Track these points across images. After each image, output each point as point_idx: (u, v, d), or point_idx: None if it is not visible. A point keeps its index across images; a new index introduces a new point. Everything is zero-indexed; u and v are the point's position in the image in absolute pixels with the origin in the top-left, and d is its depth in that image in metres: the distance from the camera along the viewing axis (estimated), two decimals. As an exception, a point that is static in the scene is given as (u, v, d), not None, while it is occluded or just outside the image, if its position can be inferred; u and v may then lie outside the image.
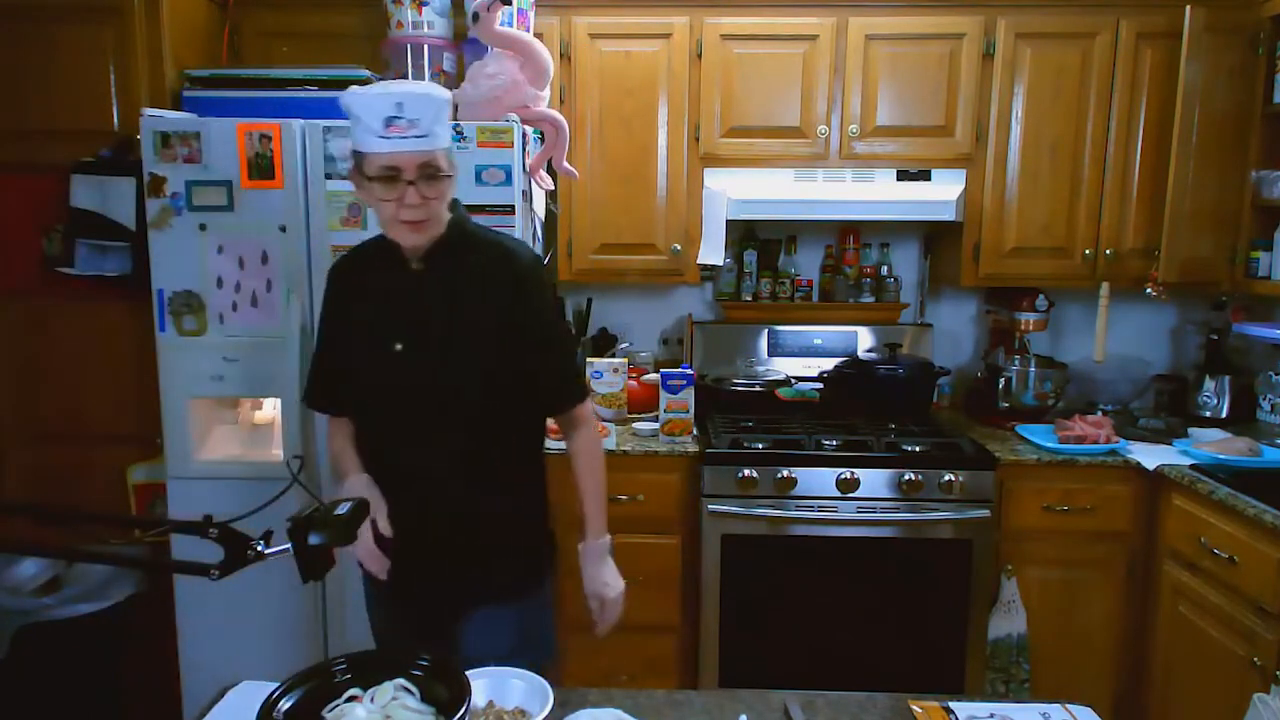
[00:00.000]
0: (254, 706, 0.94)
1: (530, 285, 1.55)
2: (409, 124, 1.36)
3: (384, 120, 1.36)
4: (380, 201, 1.41)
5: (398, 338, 1.49)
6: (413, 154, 1.38)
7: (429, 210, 1.42)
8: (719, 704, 1.18)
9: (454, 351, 1.48)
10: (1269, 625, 1.96)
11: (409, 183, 1.39)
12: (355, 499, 1.03)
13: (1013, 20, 2.62)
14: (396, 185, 1.39)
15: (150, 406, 2.23)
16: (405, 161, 1.38)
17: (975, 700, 1.15)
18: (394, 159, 1.38)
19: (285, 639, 2.21)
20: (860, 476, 2.40)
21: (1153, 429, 2.68)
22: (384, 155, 1.38)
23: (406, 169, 1.38)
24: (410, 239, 1.45)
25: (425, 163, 1.39)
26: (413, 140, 1.37)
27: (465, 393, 1.49)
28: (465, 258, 1.52)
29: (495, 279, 1.51)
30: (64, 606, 2.30)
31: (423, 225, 1.44)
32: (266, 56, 2.64)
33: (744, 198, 2.68)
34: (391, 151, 1.37)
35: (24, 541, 2.15)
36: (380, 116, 1.36)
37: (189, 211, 2.12)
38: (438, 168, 1.41)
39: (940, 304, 3.15)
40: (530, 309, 1.53)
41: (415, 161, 1.38)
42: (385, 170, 1.38)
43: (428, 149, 1.39)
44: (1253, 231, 2.64)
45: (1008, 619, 2.45)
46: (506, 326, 1.50)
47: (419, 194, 1.39)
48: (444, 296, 1.49)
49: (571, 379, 1.65)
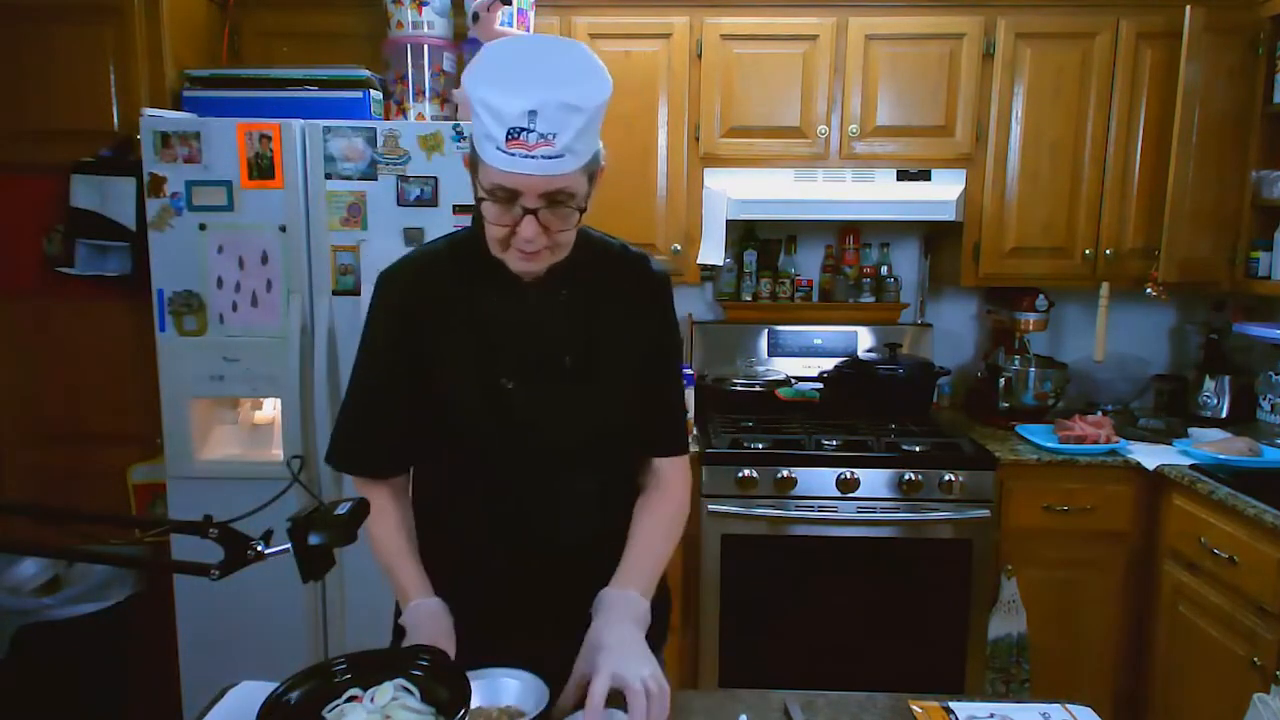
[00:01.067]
0: (254, 706, 0.94)
1: (669, 301, 1.30)
2: (540, 140, 1.00)
3: (506, 131, 1.01)
4: (491, 224, 1.09)
5: (506, 370, 1.19)
6: (536, 177, 1.03)
7: (551, 240, 1.09)
8: (719, 704, 1.18)
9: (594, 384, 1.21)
10: (1269, 625, 1.96)
11: (527, 210, 1.05)
12: (355, 499, 1.03)
13: (1013, 20, 2.62)
14: (509, 210, 1.06)
15: (150, 406, 2.23)
16: (524, 185, 1.03)
17: (975, 700, 1.15)
18: (512, 180, 1.03)
19: (285, 639, 2.21)
20: (860, 476, 2.40)
21: (1153, 429, 2.68)
22: (500, 173, 1.03)
23: (526, 195, 1.04)
24: (521, 267, 1.12)
25: (553, 190, 1.05)
26: (539, 162, 1.01)
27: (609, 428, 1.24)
28: (595, 268, 1.23)
29: (635, 293, 1.26)
30: (64, 606, 2.30)
31: (539, 256, 1.10)
32: (266, 56, 2.64)
33: (744, 198, 2.68)
34: (510, 171, 1.02)
35: (24, 541, 2.15)
36: (504, 123, 1.00)
37: (189, 211, 2.12)
38: (570, 194, 1.06)
39: (940, 304, 3.15)
40: (671, 330, 1.31)
41: (539, 187, 1.04)
42: (498, 189, 1.05)
43: (559, 173, 1.03)
44: (1253, 231, 2.64)
45: (1008, 619, 2.45)
46: (648, 351, 1.26)
47: (537, 226, 1.06)
48: (575, 315, 1.21)
49: (684, 417, 1.39)
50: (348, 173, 2.11)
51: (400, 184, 2.11)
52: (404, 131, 2.09)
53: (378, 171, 2.10)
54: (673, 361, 1.33)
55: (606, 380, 1.22)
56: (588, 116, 1.02)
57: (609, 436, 1.25)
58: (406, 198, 2.11)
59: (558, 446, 1.22)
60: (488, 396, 1.20)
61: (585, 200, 1.09)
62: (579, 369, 1.20)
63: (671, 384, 1.32)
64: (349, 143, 2.10)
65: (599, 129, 1.08)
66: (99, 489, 2.39)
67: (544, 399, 1.20)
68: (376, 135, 2.09)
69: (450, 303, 1.21)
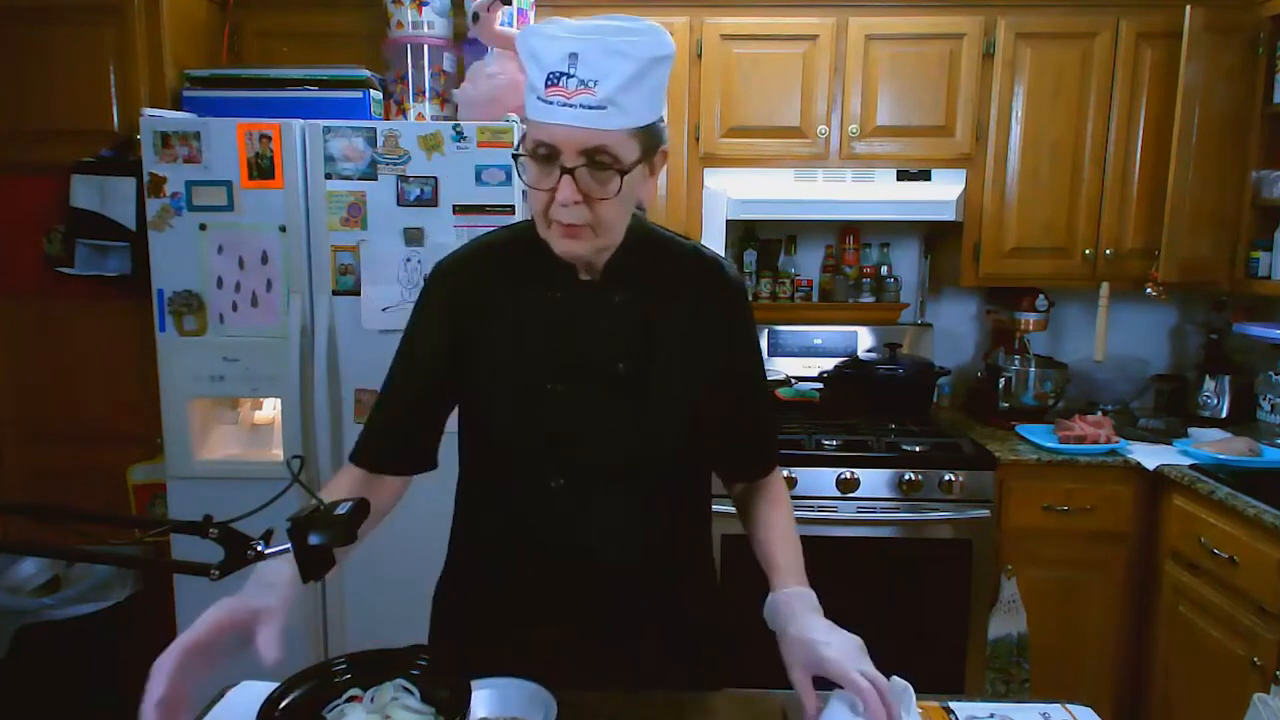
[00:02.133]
0: (254, 706, 0.94)
1: (745, 306, 1.20)
2: (581, 86, 0.93)
3: (546, 76, 0.94)
4: (533, 190, 1.02)
5: (551, 373, 1.11)
6: (575, 129, 0.95)
7: (593, 215, 1.00)
8: (719, 704, 1.18)
9: (649, 393, 1.11)
10: (1269, 625, 1.96)
11: (565, 170, 0.97)
12: (355, 499, 1.03)
13: (1013, 20, 2.61)
14: (550, 171, 0.98)
15: (150, 406, 2.23)
16: (562, 138, 0.95)
17: (975, 700, 1.15)
18: (549, 132, 0.96)
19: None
20: (860, 476, 2.40)
21: (1153, 429, 2.68)
22: (537, 125, 0.97)
23: (565, 149, 0.96)
24: (562, 246, 1.03)
25: (594, 147, 0.96)
26: (578, 111, 0.94)
27: (660, 446, 1.14)
28: (660, 270, 1.14)
29: (702, 296, 1.16)
30: (64, 606, 2.30)
31: (580, 233, 1.01)
32: (266, 56, 2.63)
33: (744, 198, 2.68)
34: (545, 121, 0.96)
35: (24, 541, 2.14)
36: (544, 68, 0.94)
37: (189, 211, 2.12)
38: (613, 156, 0.97)
39: (940, 304, 3.15)
40: (747, 338, 1.21)
41: (578, 141, 0.95)
42: (538, 146, 0.98)
43: (600, 126, 0.95)
44: (1253, 231, 2.64)
45: (1008, 619, 2.45)
46: (717, 360, 1.16)
47: (574, 189, 0.97)
48: (633, 319, 1.11)
49: (776, 435, 1.30)
50: (348, 173, 2.11)
51: (400, 184, 2.10)
52: (404, 131, 2.09)
53: (378, 171, 2.10)
54: (751, 374, 1.22)
55: (662, 394, 1.12)
56: (636, 67, 0.94)
57: (658, 457, 1.14)
58: (406, 198, 2.11)
59: (599, 463, 1.13)
60: (529, 400, 1.11)
61: (635, 169, 0.99)
62: (633, 379, 1.10)
63: (754, 398, 1.24)
64: (349, 143, 2.10)
65: (658, 95, 1.00)
66: (99, 489, 2.39)
67: (590, 408, 1.11)
68: (376, 135, 2.09)
69: (499, 297, 1.13)
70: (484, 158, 2.10)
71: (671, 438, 1.14)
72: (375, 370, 2.13)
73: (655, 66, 0.97)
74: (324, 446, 2.16)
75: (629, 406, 1.12)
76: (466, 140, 2.09)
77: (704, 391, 1.15)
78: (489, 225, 2.10)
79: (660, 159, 1.07)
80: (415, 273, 2.12)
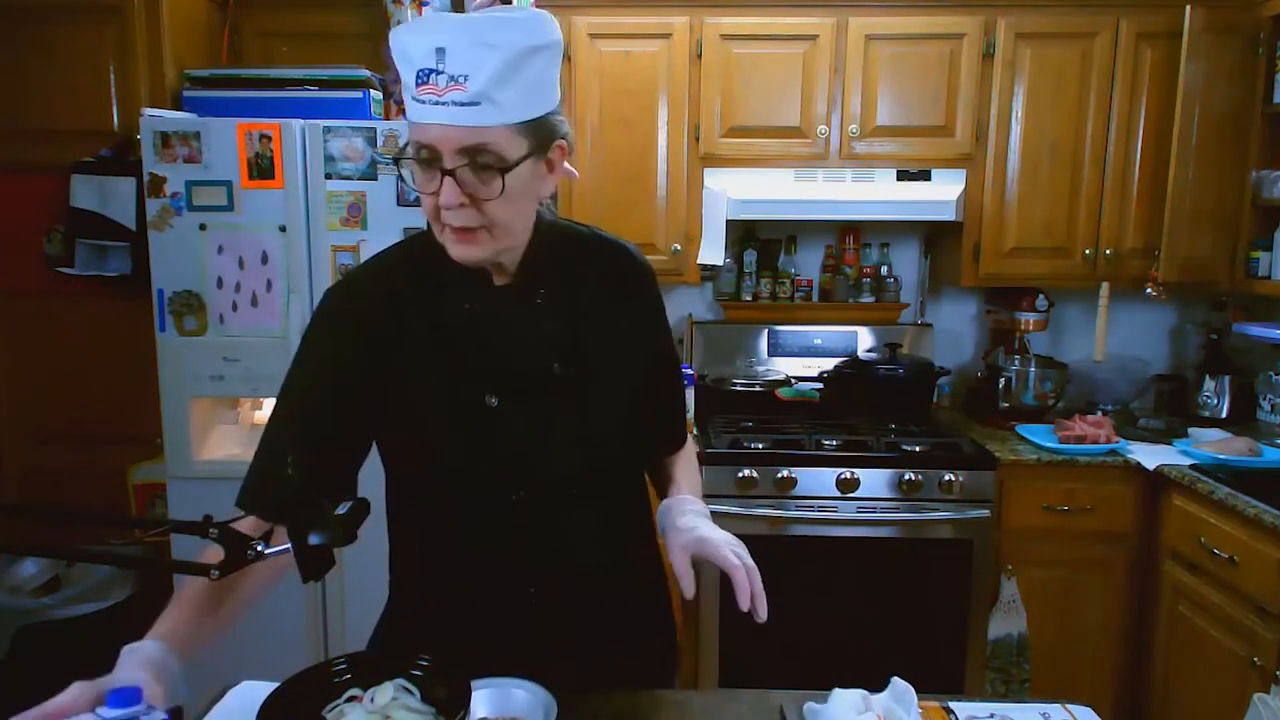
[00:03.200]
0: (254, 706, 0.94)
1: (656, 293, 1.18)
2: (451, 83, 0.88)
3: (415, 74, 0.90)
4: (420, 194, 0.97)
5: (487, 385, 1.05)
6: (449, 128, 0.90)
7: (484, 216, 0.95)
8: (719, 704, 1.18)
9: (590, 389, 1.08)
10: (1269, 625, 1.96)
11: (446, 171, 0.92)
12: (355, 499, 1.02)
13: (1013, 20, 2.61)
14: (433, 174, 0.93)
15: (150, 406, 2.23)
16: (439, 138, 0.91)
17: (975, 700, 1.15)
18: (424, 133, 0.92)
19: (285, 639, 2.21)
20: (860, 476, 2.40)
21: (1153, 429, 2.68)
22: (413, 127, 0.94)
23: (443, 150, 0.92)
24: (457, 250, 0.98)
25: (473, 145, 0.91)
26: (451, 109, 0.89)
27: (612, 438, 1.11)
28: (571, 261, 1.11)
29: (622, 289, 1.13)
30: (64, 606, 2.30)
31: (474, 236, 0.97)
32: (266, 56, 2.64)
33: (744, 198, 2.68)
34: (419, 122, 0.92)
35: (24, 541, 2.15)
36: (413, 65, 0.90)
37: (189, 211, 2.12)
38: (496, 155, 0.92)
39: (940, 304, 3.15)
40: (663, 325, 1.19)
41: (454, 141, 0.91)
42: (419, 149, 0.94)
43: (476, 124, 0.90)
44: (1253, 231, 2.64)
45: (1008, 619, 2.45)
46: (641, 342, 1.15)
47: (458, 191, 0.92)
48: (557, 316, 1.07)
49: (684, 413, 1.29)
50: (348, 173, 2.11)
51: (400, 184, 2.11)
52: (404, 131, 2.09)
53: (378, 171, 2.11)
54: (669, 356, 1.22)
55: (604, 387, 1.09)
56: (508, 57, 0.89)
57: (614, 452, 1.12)
58: (406, 197, 2.11)
59: (557, 466, 1.08)
60: (471, 417, 1.05)
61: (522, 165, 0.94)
62: (571, 377, 1.06)
63: (673, 383, 1.24)
64: (349, 143, 2.10)
65: (543, 86, 0.95)
66: (99, 489, 2.39)
67: (535, 414, 1.06)
68: (376, 135, 2.09)
69: (410, 318, 1.06)
70: (484, 158, 2.09)
71: (621, 431, 1.12)
72: (375, 370, 2.15)
73: (532, 56, 0.92)
74: (324, 446, 2.16)
75: (573, 405, 1.08)
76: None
77: (639, 375, 1.14)
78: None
79: (559, 153, 1.02)
80: (415, 273, 2.12)
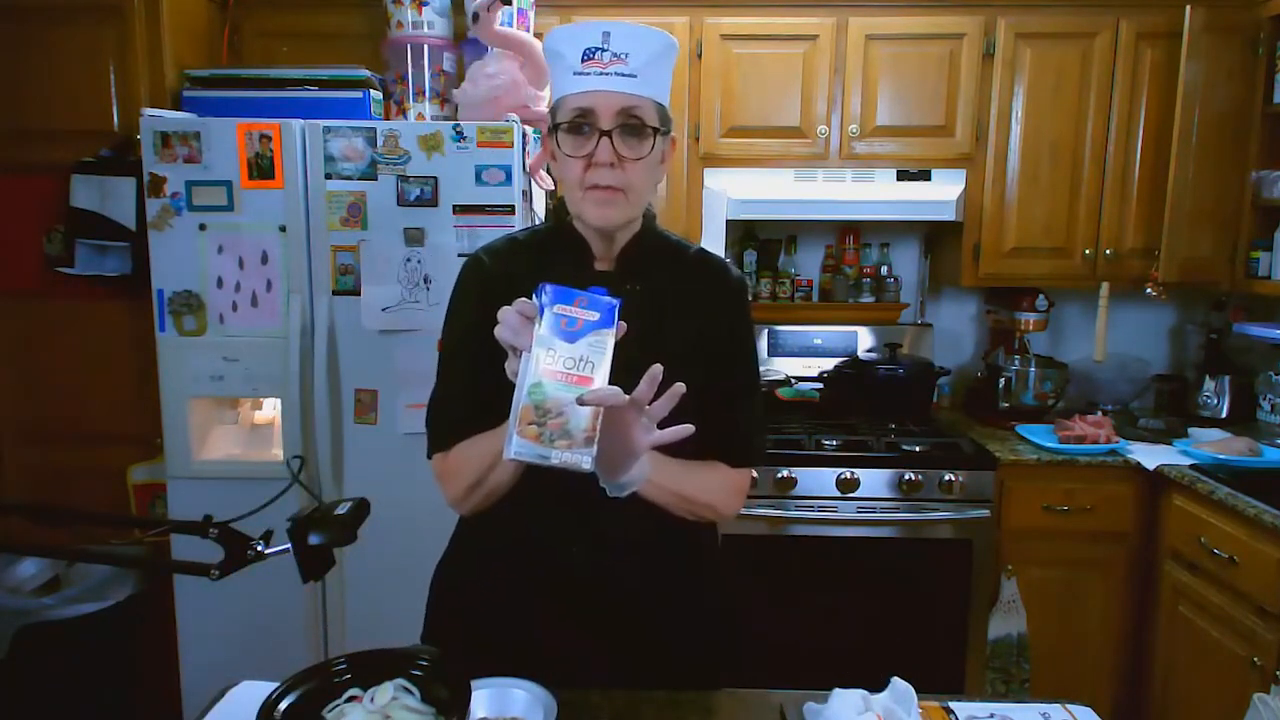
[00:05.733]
0: (254, 706, 0.94)
1: (746, 309, 1.28)
2: (613, 58, 1.08)
3: (582, 52, 1.08)
4: (567, 159, 1.11)
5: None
6: (612, 93, 1.08)
7: (626, 178, 1.11)
8: (719, 704, 1.18)
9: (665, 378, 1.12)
10: (1269, 625, 1.96)
11: (603, 133, 1.08)
12: (355, 499, 1.02)
13: (1013, 20, 2.62)
14: (588, 137, 1.10)
15: (150, 406, 2.23)
16: (600, 103, 1.08)
17: (975, 700, 1.15)
18: (588, 98, 1.09)
19: (285, 639, 2.21)
20: (860, 476, 2.40)
21: (1153, 429, 2.68)
22: (575, 95, 1.10)
23: (602, 113, 1.09)
24: (597, 213, 1.12)
25: (627, 108, 1.09)
26: (614, 78, 1.08)
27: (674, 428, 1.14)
28: (667, 264, 1.23)
29: (708, 295, 1.24)
30: (64, 606, 2.29)
31: (615, 196, 1.11)
32: (266, 56, 2.63)
33: (744, 198, 2.68)
34: (585, 90, 1.09)
35: (24, 541, 2.15)
36: (579, 45, 1.08)
37: (189, 211, 2.12)
38: (642, 120, 1.10)
39: (940, 304, 3.15)
40: (746, 339, 1.27)
41: (614, 104, 1.09)
42: (575, 114, 1.10)
43: (633, 91, 1.09)
44: (1253, 231, 2.64)
45: (1008, 619, 2.45)
46: (718, 357, 1.22)
47: (613, 151, 1.09)
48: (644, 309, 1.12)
49: (762, 435, 1.34)
50: (348, 173, 2.11)
51: (400, 184, 2.10)
52: (404, 131, 2.09)
53: (378, 171, 2.10)
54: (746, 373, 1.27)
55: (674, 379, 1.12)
56: (658, 48, 1.10)
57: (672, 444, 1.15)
58: (406, 198, 2.11)
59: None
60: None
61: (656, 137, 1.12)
62: (645, 362, 1.10)
63: (746, 397, 1.26)
64: (349, 143, 2.10)
65: (668, 83, 1.14)
66: (99, 489, 2.39)
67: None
68: (376, 135, 2.09)
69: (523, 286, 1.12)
70: (484, 158, 2.10)
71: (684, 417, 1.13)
72: (375, 370, 2.15)
73: (669, 52, 1.13)
74: (324, 447, 2.16)
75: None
76: (466, 140, 2.09)
77: (710, 379, 1.19)
78: (489, 225, 2.12)
79: (670, 146, 1.19)
80: (415, 273, 2.12)
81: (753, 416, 1.29)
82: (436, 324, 1.30)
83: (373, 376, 2.16)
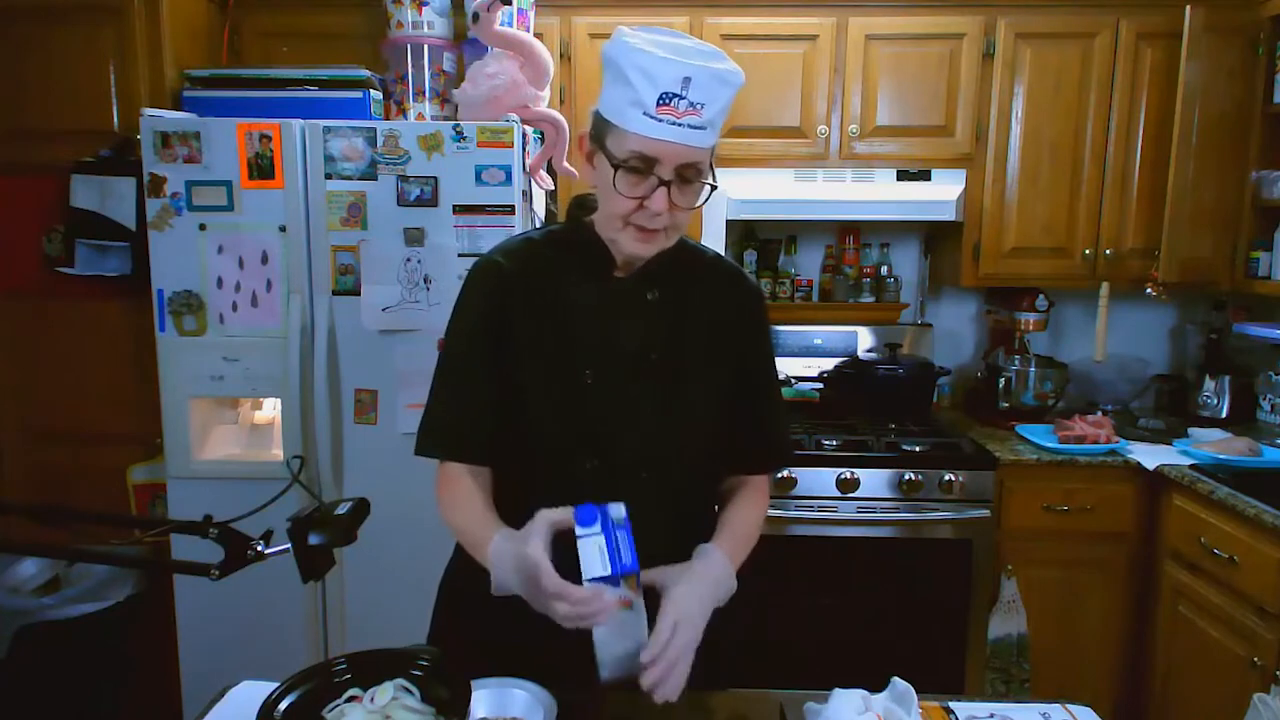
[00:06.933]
0: (254, 706, 0.94)
1: (764, 315, 1.30)
2: (689, 107, 1.03)
3: (659, 95, 1.02)
4: (617, 195, 1.09)
5: (586, 362, 1.16)
6: (681, 147, 1.05)
7: (673, 220, 1.11)
8: (719, 704, 1.18)
9: (681, 382, 1.18)
10: (1269, 625, 1.96)
11: (662, 182, 1.07)
12: (355, 499, 1.03)
13: (1013, 20, 2.62)
14: (644, 181, 1.07)
15: (150, 406, 2.23)
16: (667, 153, 1.05)
17: (975, 700, 1.15)
18: (656, 146, 1.05)
19: (285, 639, 2.21)
20: (860, 476, 2.40)
21: (1153, 429, 2.68)
22: (642, 139, 1.05)
23: (666, 162, 1.06)
24: (635, 248, 1.12)
25: (688, 163, 1.07)
26: (685, 130, 1.04)
27: (684, 441, 1.20)
28: (686, 271, 1.23)
29: (725, 302, 1.24)
30: (64, 606, 2.30)
31: (656, 236, 1.12)
32: (266, 56, 2.63)
33: (744, 198, 2.68)
34: (655, 138, 1.04)
35: (24, 541, 2.15)
36: (657, 87, 1.02)
37: (189, 211, 2.12)
38: (699, 171, 1.09)
39: (940, 304, 3.15)
40: (765, 344, 1.29)
41: (680, 157, 1.06)
42: (636, 158, 1.06)
43: (700, 145, 1.06)
44: (1253, 231, 2.64)
45: (1008, 619, 2.45)
46: (737, 361, 1.24)
47: (668, 200, 1.08)
48: (664, 315, 1.18)
49: (789, 437, 1.37)
50: (348, 173, 2.11)
51: (400, 184, 2.10)
52: (404, 131, 2.09)
53: (378, 171, 2.10)
54: (766, 377, 1.29)
55: (693, 384, 1.18)
56: (731, 94, 1.06)
57: (688, 445, 1.19)
58: (406, 198, 2.11)
59: (633, 448, 1.17)
60: (566, 387, 1.16)
61: (710, 174, 1.11)
62: (663, 368, 1.15)
63: (770, 401, 1.29)
64: (349, 143, 2.10)
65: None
66: (99, 489, 2.39)
67: (625, 395, 1.16)
68: (376, 135, 2.09)
69: (541, 289, 1.18)
70: (484, 158, 2.10)
71: (701, 425, 1.19)
72: (375, 370, 2.15)
73: (735, 93, 1.08)
74: (324, 446, 2.16)
75: (662, 393, 1.18)
76: (466, 140, 2.09)
77: (728, 386, 1.21)
78: (489, 225, 2.12)
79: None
80: (415, 273, 2.12)
81: (778, 420, 1.32)
82: (436, 324, 1.30)
83: (373, 376, 2.16)
